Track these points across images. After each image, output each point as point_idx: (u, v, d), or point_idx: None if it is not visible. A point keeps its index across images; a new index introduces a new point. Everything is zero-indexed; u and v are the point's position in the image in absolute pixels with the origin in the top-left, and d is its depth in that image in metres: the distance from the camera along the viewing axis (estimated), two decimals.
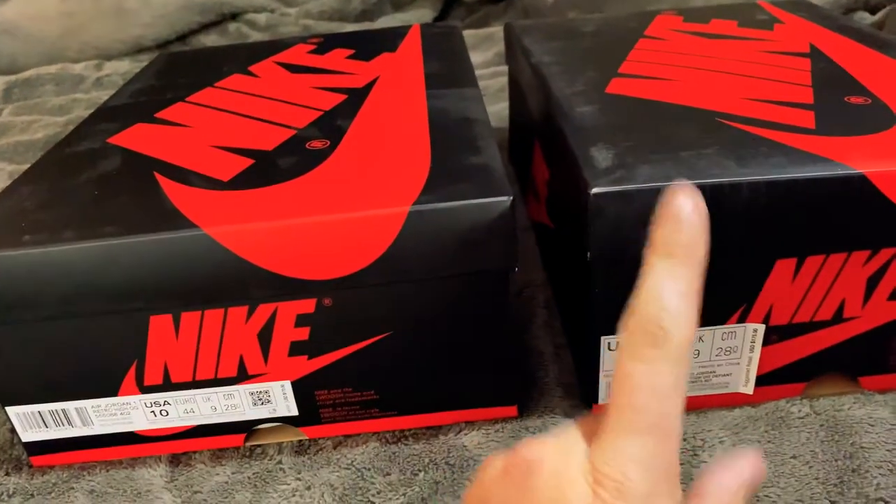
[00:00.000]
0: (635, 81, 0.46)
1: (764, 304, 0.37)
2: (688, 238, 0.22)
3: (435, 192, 0.34)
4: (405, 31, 0.64)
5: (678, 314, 0.21)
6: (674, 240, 0.22)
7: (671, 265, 0.22)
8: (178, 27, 1.07)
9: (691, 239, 0.22)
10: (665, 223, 0.22)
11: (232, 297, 0.35)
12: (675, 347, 0.21)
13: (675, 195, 0.22)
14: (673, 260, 0.22)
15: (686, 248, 0.22)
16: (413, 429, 0.40)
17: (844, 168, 0.34)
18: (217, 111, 0.48)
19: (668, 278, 0.22)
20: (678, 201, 0.22)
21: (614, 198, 0.34)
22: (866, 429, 0.37)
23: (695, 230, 0.22)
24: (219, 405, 0.39)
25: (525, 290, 0.53)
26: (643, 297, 0.22)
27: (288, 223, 0.33)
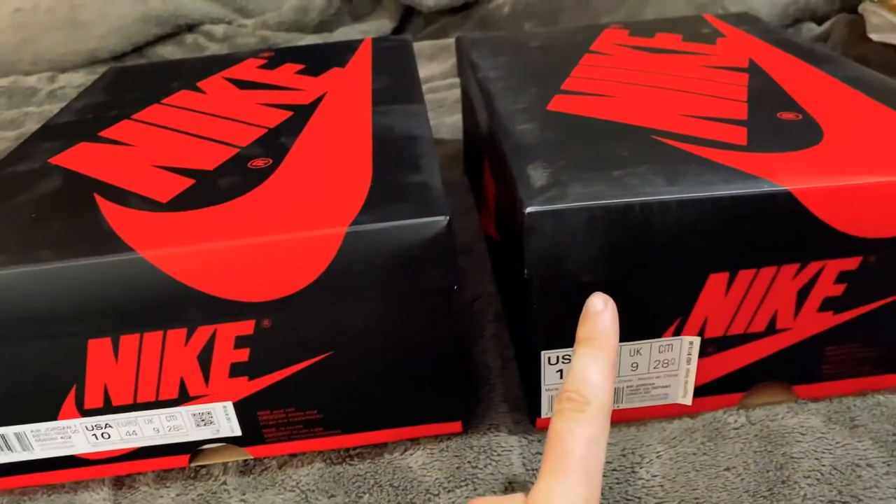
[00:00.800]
0: (576, 98, 0.47)
1: (699, 316, 0.38)
2: (602, 328, 0.30)
3: (373, 212, 0.35)
4: (356, 45, 0.64)
5: (596, 386, 0.28)
6: (592, 331, 0.30)
7: (591, 350, 0.29)
8: (135, 39, 1.06)
9: (604, 328, 0.30)
10: (585, 320, 0.31)
11: (170, 320, 0.35)
12: (594, 410, 0.28)
13: (591, 298, 0.31)
14: (593, 346, 0.29)
15: (601, 335, 0.30)
16: (358, 447, 0.40)
17: (771, 185, 0.35)
18: (162, 129, 0.48)
19: (589, 359, 0.29)
20: (593, 302, 0.31)
21: (548, 217, 0.34)
22: (797, 438, 0.38)
23: (607, 322, 0.30)
24: (161, 427, 0.39)
25: (476, 302, 0.53)
26: (570, 375, 0.29)
27: (224, 245, 0.33)
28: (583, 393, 0.28)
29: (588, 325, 0.30)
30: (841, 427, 0.39)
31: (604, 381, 0.29)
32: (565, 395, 0.28)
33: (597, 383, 0.28)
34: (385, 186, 0.37)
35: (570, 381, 0.29)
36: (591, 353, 0.29)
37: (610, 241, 0.35)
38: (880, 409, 0.40)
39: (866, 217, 0.35)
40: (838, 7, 1.00)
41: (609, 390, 0.29)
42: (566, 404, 0.28)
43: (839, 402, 0.41)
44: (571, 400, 0.28)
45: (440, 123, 0.85)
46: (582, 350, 0.30)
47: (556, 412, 0.28)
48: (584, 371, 0.29)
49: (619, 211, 0.34)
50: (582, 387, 0.28)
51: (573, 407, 0.28)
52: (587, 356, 0.29)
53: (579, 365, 0.29)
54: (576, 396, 0.28)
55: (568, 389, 0.28)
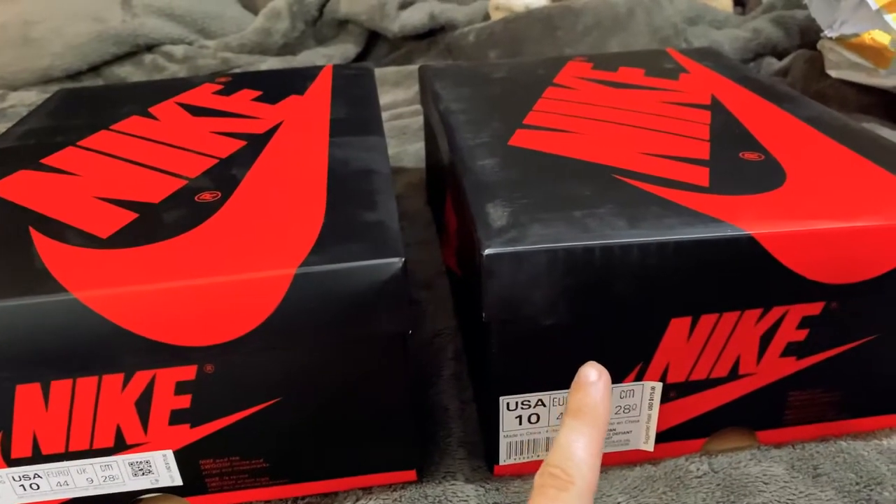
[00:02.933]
0: (538, 134, 0.46)
1: (661, 362, 0.37)
2: (592, 401, 0.28)
3: (324, 253, 0.33)
4: (316, 72, 0.63)
5: (582, 463, 0.26)
6: (582, 402, 0.28)
7: (579, 424, 0.27)
8: (91, 58, 1.03)
9: (595, 402, 0.28)
10: (576, 389, 0.29)
11: (105, 365, 0.33)
12: (577, 490, 0.26)
13: (585, 368, 0.29)
14: (580, 420, 0.28)
15: (591, 409, 0.28)
16: (307, 496, 0.39)
17: (734, 229, 0.34)
18: (108, 157, 0.46)
19: (576, 434, 0.27)
20: (586, 372, 0.29)
21: (507, 259, 0.33)
22: (760, 487, 0.37)
23: (598, 396, 0.28)
24: (95, 477, 0.36)
25: (436, 339, 0.52)
26: (554, 448, 0.27)
27: (164, 287, 0.32)
28: (567, 470, 0.26)
29: (578, 395, 0.29)
30: (804, 476, 0.38)
31: (590, 458, 0.27)
32: (548, 469, 0.26)
33: (583, 460, 0.26)
34: (338, 225, 0.35)
35: (554, 454, 0.27)
36: (578, 428, 0.28)
37: (570, 284, 0.34)
38: (843, 456, 0.39)
39: (829, 263, 0.35)
40: (798, 43, 1.02)
41: (595, 468, 0.27)
42: (548, 480, 0.26)
43: (802, 448, 0.40)
44: (554, 476, 0.26)
45: (403, 151, 0.84)
46: (570, 423, 0.28)
47: (537, 487, 0.26)
48: (570, 446, 0.27)
49: (580, 254, 0.33)
50: (567, 463, 0.26)
51: (556, 484, 0.26)
52: (575, 430, 0.27)
53: (566, 439, 0.27)
54: (559, 473, 0.26)
55: (551, 464, 0.27)
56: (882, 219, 0.35)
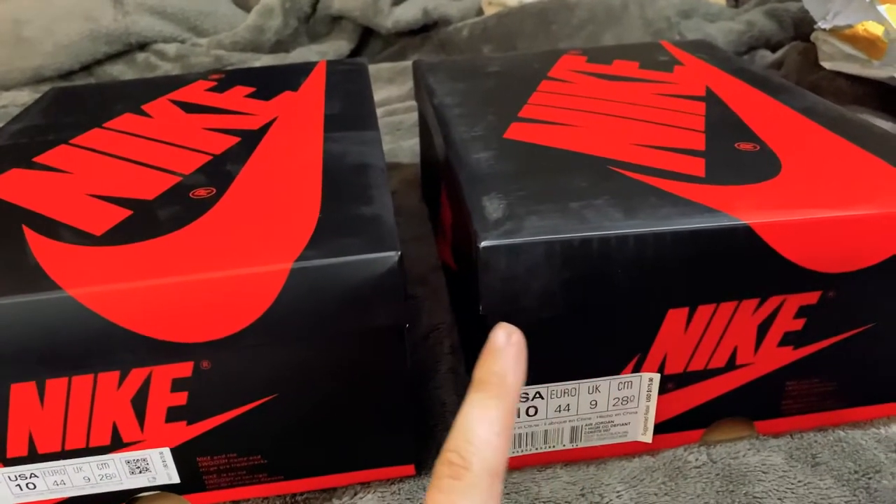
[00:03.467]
0: (533, 126, 0.46)
1: (658, 353, 0.37)
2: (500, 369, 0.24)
3: (320, 247, 0.33)
4: (310, 68, 0.63)
5: (482, 443, 0.23)
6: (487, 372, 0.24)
7: (482, 397, 0.24)
8: (83, 57, 1.03)
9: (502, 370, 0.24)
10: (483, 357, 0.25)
11: (101, 363, 0.33)
12: (474, 476, 0.22)
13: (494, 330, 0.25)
14: (486, 392, 0.24)
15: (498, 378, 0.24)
16: (305, 493, 0.38)
17: (730, 219, 0.34)
18: (101, 155, 0.45)
19: (478, 409, 0.23)
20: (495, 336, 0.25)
21: (503, 251, 0.33)
22: (759, 477, 0.37)
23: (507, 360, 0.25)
24: (92, 475, 0.36)
25: (432, 334, 0.52)
26: (453, 427, 0.24)
27: (159, 283, 0.31)
28: (464, 454, 0.22)
29: (484, 364, 0.25)
30: (803, 465, 0.38)
31: (493, 437, 0.23)
32: (444, 455, 0.23)
33: (483, 440, 0.23)
34: (334, 219, 0.35)
35: (451, 437, 0.23)
36: (481, 401, 0.24)
37: (567, 275, 0.34)
38: (841, 445, 0.39)
39: (826, 251, 0.35)
40: (792, 35, 1.02)
41: (499, 447, 0.23)
42: (443, 469, 0.23)
43: (800, 437, 0.40)
44: (449, 463, 0.22)
45: (398, 147, 0.84)
46: (471, 397, 0.24)
47: (433, 480, 0.23)
48: (468, 424, 0.23)
49: (577, 245, 0.33)
50: (464, 445, 0.23)
51: (450, 472, 0.22)
52: (476, 405, 0.24)
53: (464, 416, 0.24)
54: (455, 458, 0.22)
55: (448, 448, 0.23)
56: (878, 207, 0.35)
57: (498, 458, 0.23)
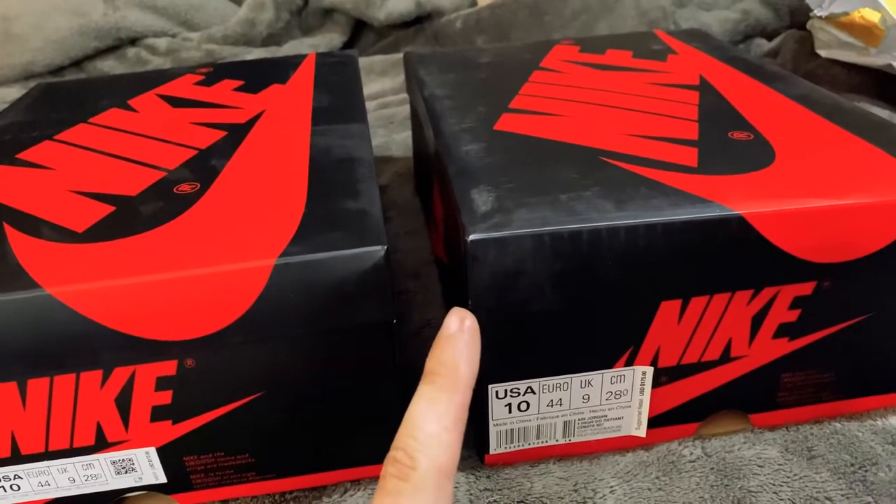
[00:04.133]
0: (524, 117, 0.45)
1: (651, 346, 0.36)
2: (451, 359, 0.23)
3: (304, 242, 0.32)
4: (299, 60, 0.62)
5: (430, 439, 0.21)
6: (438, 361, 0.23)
7: (431, 389, 0.22)
8: (73, 53, 1.02)
9: (454, 359, 0.23)
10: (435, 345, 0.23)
11: (83, 362, 0.32)
12: (420, 476, 0.20)
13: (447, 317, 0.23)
14: (435, 384, 0.22)
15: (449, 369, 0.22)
16: (294, 491, 0.38)
17: (723, 209, 0.33)
18: (85, 151, 0.45)
19: (426, 402, 0.22)
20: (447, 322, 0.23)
21: (492, 244, 0.32)
22: (755, 470, 0.37)
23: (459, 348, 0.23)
24: (77, 476, 0.36)
25: (424, 329, 0.51)
26: (401, 425, 0.22)
27: (141, 280, 0.31)
28: (410, 451, 0.21)
29: (435, 354, 0.24)
30: (798, 458, 0.38)
31: (442, 432, 0.22)
32: (391, 454, 0.22)
33: (430, 435, 0.21)
34: (320, 214, 0.34)
35: (399, 433, 0.22)
36: (430, 394, 0.23)
37: (557, 268, 0.33)
38: (837, 437, 0.39)
39: (820, 242, 0.34)
40: (788, 23, 1.01)
41: (449, 442, 0.21)
42: (389, 468, 0.21)
43: (796, 430, 0.40)
44: (396, 462, 0.21)
45: (391, 140, 0.83)
46: (420, 389, 0.23)
47: (380, 478, 0.22)
48: (415, 420, 0.22)
49: (567, 238, 0.33)
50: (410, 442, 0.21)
51: (396, 472, 0.21)
52: (424, 398, 0.23)
53: (413, 411, 0.22)
54: (401, 457, 0.21)
55: (395, 447, 0.22)
56: (874, 196, 0.34)
57: (447, 454, 0.21)
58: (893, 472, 0.36)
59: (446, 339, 0.24)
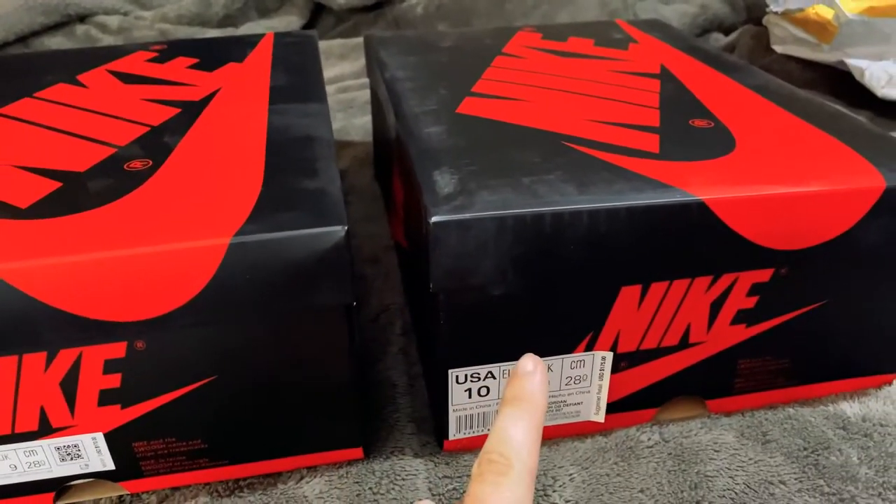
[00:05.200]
0: (487, 101, 0.45)
1: (611, 331, 0.36)
2: (529, 390, 0.27)
3: (261, 222, 0.31)
4: (256, 39, 0.60)
5: (521, 446, 0.26)
6: (520, 391, 0.28)
7: (517, 410, 0.27)
8: (18, 28, 0.98)
9: (531, 391, 0.27)
10: (513, 380, 0.28)
11: (26, 343, 0.31)
12: (517, 473, 0.25)
13: (522, 359, 0.29)
14: (518, 407, 0.27)
15: (529, 396, 0.27)
16: (248, 478, 0.37)
17: (684, 194, 0.33)
18: (30, 126, 0.43)
19: (514, 419, 0.27)
20: (523, 363, 0.28)
21: (454, 226, 0.32)
22: (711, 455, 0.37)
23: (536, 385, 0.28)
24: (19, 463, 0.34)
25: (382, 315, 0.50)
26: (491, 434, 0.27)
27: (88, 258, 0.29)
28: (505, 454, 0.26)
29: (515, 384, 0.28)
30: (754, 443, 0.38)
31: (529, 442, 0.26)
32: (486, 456, 0.26)
33: (521, 443, 0.26)
34: (276, 193, 0.33)
35: (491, 441, 0.26)
36: (515, 413, 0.27)
37: (519, 251, 0.33)
38: (791, 422, 0.39)
39: (779, 228, 0.35)
40: (744, 18, 1.03)
41: (534, 452, 0.26)
42: (487, 467, 0.25)
43: (751, 416, 0.40)
44: (493, 462, 0.25)
45: (350, 125, 0.82)
46: (507, 410, 0.27)
47: (476, 475, 0.26)
48: (507, 430, 0.26)
49: (529, 220, 0.32)
50: (504, 447, 0.26)
51: (494, 469, 0.25)
52: (511, 416, 0.27)
53: (502, 424, 0.27)
54: (497, 458, 0.25)
55: (489, 451, 0.26)
56: (830, 184, 0.35)
57: (534, 460, 0.26)
58: (844, 455, 0.37)
59: (525, 375, 0.28)
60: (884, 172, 0.35)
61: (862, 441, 0.38)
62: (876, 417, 0.39)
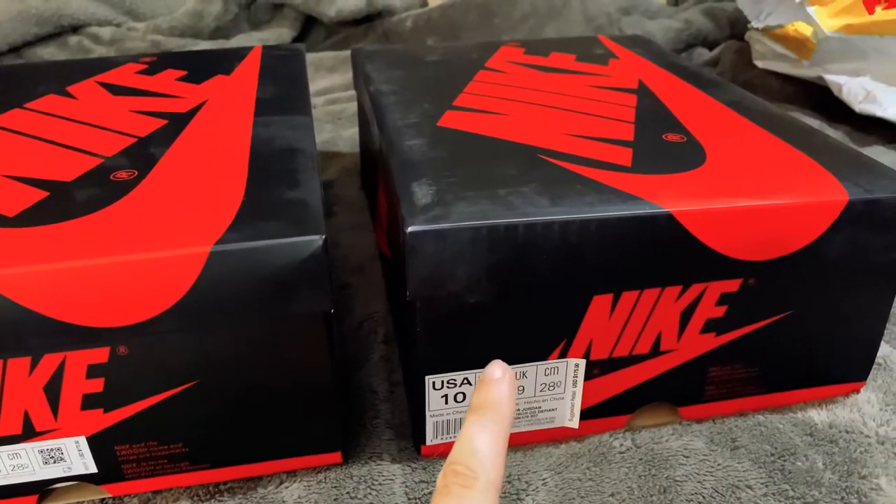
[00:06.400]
0: (467, 115, 0.46)
1: (584, 338, 0.37)
2: (495, 398, 0.28)
3: (242, 230, 0.32)
4: (245, 52, 0.61)
5: (485, 457, 0.26)
6: (485, 399, 0.28)
7: (482, 419, 0.27)
8: (11, 38, 0.99)
9: (498, 399, 0.28)
10: (479, 387, 0.28)
11: (11, 348, 0.32)
12: (482, 485, 0.25)
13: (489, 366, 0.29)
14: (486, 416, 0.27)
15: (494, 405, 0.28)
16: (229, 482, 0.38)
17: (653, 206, 0.34)
18: (19, 136, 0.44)
19: (478, 428, 0.27)
20: (490, 370, 0.29)
21: (430, 236, 0.33)
22: (681, 461, 0.38)
23: (502, 393, 0.28)
24: (3, 466, 0.35)
25: (365, 323, 0.51)
26: (456, 444, 0.26)
27: (72, 265, 0.30)
28: (470, 466, 0.26)
29: (482, 392, 0.28)
30: (723, 449, 0.39)
31: (494, 454, 0.26)
32: (451, 468, 0.26)
33: (486, 455, 0.26)
34: (258, 203, 0.34)
35: (456, 451, 0.26)
36: (481, 423, 0.27)
37: (494, 261, 0.34)
38: (760, 429, 0.40)
39: (746, 240, 0.36)
40: (728, 34, 1.05)
41: (499, 463, 0.26)
42: (451, 479, 0.25)
43: (722, 422, 0.41)
44: (458, 474, 0.25)
45: (338, 136, 0.83)
46: (472, 419, 0.27)
47: (440, 487, 0.26)
48: (472, 441, 0.26)
49: (503, 231, 0.33)
50: (470, 459, 0.26)
51: (460, 482, 0.25)
52: (477, 425, 0.27)
53: (468, 434, 0.27)
54: (462, 469, 0.26)
55: (454, 461, 0.26)
56: (797, 197, 0.36)
57: (499, 472, 0.26)
58: (810, 461, 0.38)
59: (492, 382, 0.28)
60: (847, 186, 0.37)
61: (828, 447, 0.39)
62: (842, 424, 0.40)
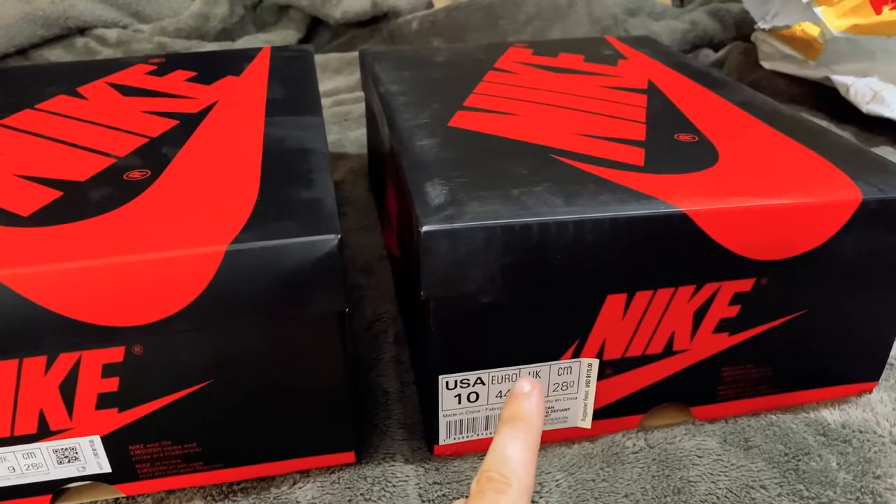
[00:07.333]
0: (478, 115, 0.46)
1: (597, 338, 0.37)
2: (526, 410, 0.29)
3: (257, 230, 0.32)
4: (254, 53, 0.62)
5: (518, 465, 0.27)
6: (516, 411, 0.29)
7: (514, 430, 0.28)
8: (18, 40, 0.99)
9: (528, 411, 0.29)
10: (510, 400, 0.30)
11: (27, 347, 0.32)
12: (515, 492, 0.26)
13: (519, 381, 0.30)
14: (517, 427, 0.28)
15: (525, 416, 0.29)
16: (242, 481, 0.38)
17: (667, 206, 0.34)
18: (32, 136, 0.44)
19: (511, 438, 0.28)
20: (520, 384, 0.30)
21: (444, 236, 0.33)
22: (694, 461, 0.38)
23: (531, 405, 0.29)
24: (18, 465, 0.35)
25: (376, 324, 0.51)
26: (490, 453, 0.28)
27: (88, 265, 0.30)
28: (504, 473, 0.27)
29: (512, 405, 0.29)
30: (736, 448, 0.39)
31: (526, 461, 0.27)
32: (485, 474, 0.27)
33: (519, 462, 0.27)
34: (272, 202, 0.34)
35: (490, 460, 0.27)
36: (512, 433, 0.28)
37: (508, 261, 0.34)
38: (773, 429, 0.40)
39: (760, 239, 0.36)
40: (733, 35, 1.04)
41: (531, 470, 0.27)
42: (487, 484, 0.26)
43: (735, 422, 0.41)
44: (492, 480, 0.27)
45: (345, 137, 0.83)
46: (504, 429, 0.29)
47: (475, 492, 0.27)
48: (505, 449, 0.28)
49: (517, 231, 0.33)
50: (503, 466, 0.27)
51: (494, 487, 0.26)
52: (509, 435, 0.28)
53: (501, 443, 0.28)
54: (497, 476, 0.27)
55: (488, 469, 0.27)
56: (811, 196, 0.36)
57: (531, 479, 0.27)
58: (824, 461, 0.38)
59: (521, 396, 0.29)
60: (860, 186, 0.37)
61: (841, 447, 0.39)
62: (855, 424, 0.40)
